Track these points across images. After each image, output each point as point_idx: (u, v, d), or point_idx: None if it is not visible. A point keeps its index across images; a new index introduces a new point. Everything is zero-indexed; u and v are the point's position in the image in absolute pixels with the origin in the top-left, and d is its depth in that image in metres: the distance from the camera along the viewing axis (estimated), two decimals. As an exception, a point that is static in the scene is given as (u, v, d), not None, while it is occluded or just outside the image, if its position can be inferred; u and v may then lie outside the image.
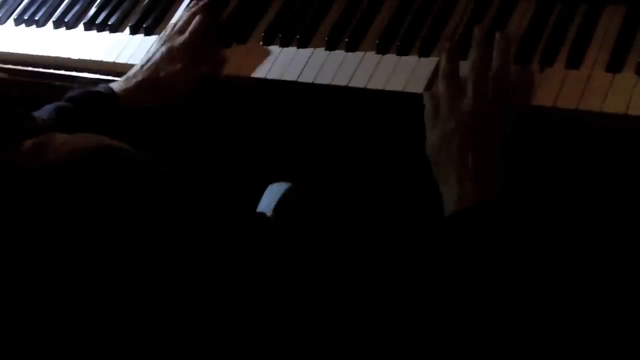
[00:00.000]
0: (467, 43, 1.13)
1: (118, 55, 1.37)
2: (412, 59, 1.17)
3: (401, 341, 0.84)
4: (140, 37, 1.39)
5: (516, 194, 1.03)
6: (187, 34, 1.29)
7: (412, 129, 1.08)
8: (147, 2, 1.42)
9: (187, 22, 1.31)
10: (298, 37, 1.25)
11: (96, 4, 1.46)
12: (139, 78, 1.26)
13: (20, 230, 0.76)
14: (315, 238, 0.87)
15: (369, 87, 1.16)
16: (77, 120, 1.15)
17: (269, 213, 1.17)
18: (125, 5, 1.44)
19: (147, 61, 1.28)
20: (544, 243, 1.11)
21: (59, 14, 1.47)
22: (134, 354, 0.78)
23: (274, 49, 1.26)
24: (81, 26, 1.45)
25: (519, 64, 1.10)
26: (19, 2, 1.53)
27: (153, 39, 1.34)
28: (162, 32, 1.33)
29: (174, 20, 1.34)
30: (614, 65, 1.06)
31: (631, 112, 1.01)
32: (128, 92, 1.24)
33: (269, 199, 1.19)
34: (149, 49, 1.31)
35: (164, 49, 1.28)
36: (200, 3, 1.34)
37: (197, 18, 1.30)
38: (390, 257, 0.87)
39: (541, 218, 1.13)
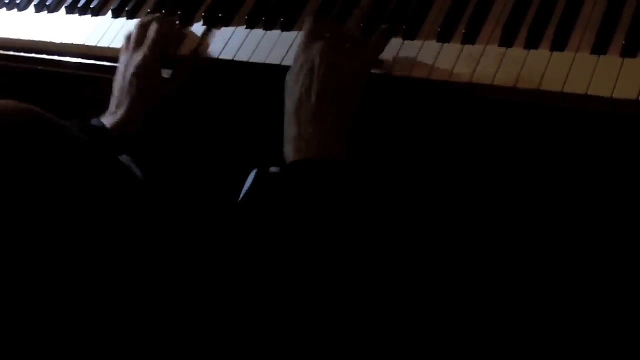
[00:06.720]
0: (452, 26, 1.13)
1: (100, 39, 1.35)
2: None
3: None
4: (122, 20, 1.37)
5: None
6: (145, 48, 1.24)
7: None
8: (129, -15, 1.41)
9: (142, 34, 1.26)
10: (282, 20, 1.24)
11: (78, -13, 1.44)
12: (122, 109, 1.21)
13: None
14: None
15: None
16: None
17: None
18: (107, -12, 1.42)
19: (118, 91, 1.23)
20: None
21: (40, -3, 1.46)
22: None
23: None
24: (63, 9, 1.43)
25: (503, 47, 1.09)
26: (-1, -15, 1.52)
27: (135, 22, 1.31)
28: (122, 49, 1.28)
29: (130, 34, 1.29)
30: (599, 47, 1.05)
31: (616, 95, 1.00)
32: (118, 124, 1.20)
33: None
34: (116, 77, 1.25)
35: (130, 69, 1.23)
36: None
37: (153, 27, 1.25)
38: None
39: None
